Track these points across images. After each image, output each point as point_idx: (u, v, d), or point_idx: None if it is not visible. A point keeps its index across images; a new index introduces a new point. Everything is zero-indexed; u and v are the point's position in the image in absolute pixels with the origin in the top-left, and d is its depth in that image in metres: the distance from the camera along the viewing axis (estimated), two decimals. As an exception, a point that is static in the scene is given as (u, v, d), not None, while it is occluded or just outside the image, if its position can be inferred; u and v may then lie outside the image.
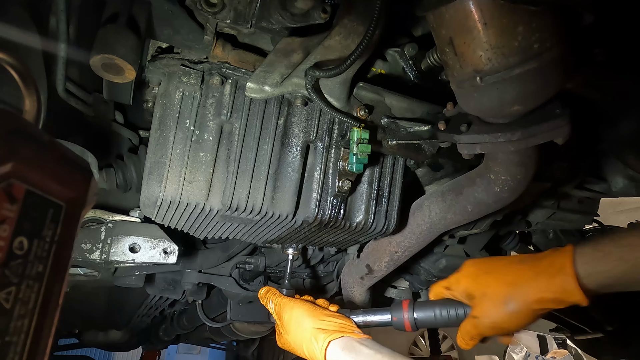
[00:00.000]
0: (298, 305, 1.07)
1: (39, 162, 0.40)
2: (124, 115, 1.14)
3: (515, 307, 0.86)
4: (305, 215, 1.01)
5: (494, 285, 0.90)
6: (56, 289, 0.42)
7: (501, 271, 0.91)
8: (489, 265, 0.95)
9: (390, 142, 1.02)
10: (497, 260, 0.96)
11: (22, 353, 0.39)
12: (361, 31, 0.87)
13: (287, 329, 1.06)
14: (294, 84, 0.95)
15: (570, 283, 0.80)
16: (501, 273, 0.91)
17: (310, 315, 1.03)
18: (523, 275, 0.87)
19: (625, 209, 3.28)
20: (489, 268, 0.94)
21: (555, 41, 0.70)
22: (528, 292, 0.85)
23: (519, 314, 0.86)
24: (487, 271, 0.94)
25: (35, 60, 0.80)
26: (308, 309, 1.05)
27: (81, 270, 1.31)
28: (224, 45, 0.93)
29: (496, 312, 0.88)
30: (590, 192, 1.55)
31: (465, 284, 0.96)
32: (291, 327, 1.05)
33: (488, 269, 0.94)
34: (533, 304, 0.85)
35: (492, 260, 0.97)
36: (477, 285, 0.93)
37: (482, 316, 0.91)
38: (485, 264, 0.96)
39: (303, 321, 1.02)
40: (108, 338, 3.01)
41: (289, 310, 1.08)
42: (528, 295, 0.85)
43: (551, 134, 0.79)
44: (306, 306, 1.07)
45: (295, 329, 1.04)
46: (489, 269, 0.94)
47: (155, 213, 0.96)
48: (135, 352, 4.65)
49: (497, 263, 0.95)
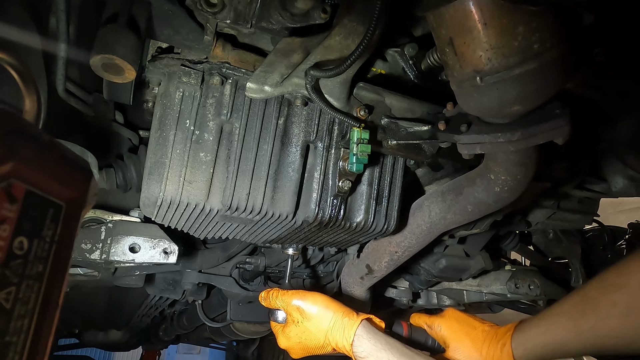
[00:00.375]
0: (319, 294, 1.15)
1: (39, 162, 0.40)
2: (124, 115, 1.14)
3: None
4: (305, 215, 1.01)
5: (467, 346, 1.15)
6: (56, 289, 0.43)
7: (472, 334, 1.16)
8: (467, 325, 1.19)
9: (390, 142, 1.02)
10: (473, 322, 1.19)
11: (22, 353, 0.39)
12: (361, 31, 0.87)
13: (308, 314, 1.11)
14: (294, 84, 0.95)
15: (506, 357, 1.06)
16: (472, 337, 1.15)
17: (334, 301, 1.13)
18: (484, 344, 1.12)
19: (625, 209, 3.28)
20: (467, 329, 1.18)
21: (555, 41, 0.70)
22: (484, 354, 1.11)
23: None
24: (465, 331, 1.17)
25: (35, 60, 0.80)
26: (328, 297, 1.15)
27: (81, 270, 1.31)
28: (224, 45, 0.93)
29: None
30: (590, 192, 1.55)
31: (444, 332, 1.20)
32: (315, 311, 1.11)
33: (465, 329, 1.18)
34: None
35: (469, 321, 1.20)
36: (454, 339, 1.18)
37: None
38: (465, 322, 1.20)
39: (329, 305, 1.11)
40: (108, 338, 3.01)
41: (311, 297, 1.14)
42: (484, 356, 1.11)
43: (551, 134, 0.79)
44: (326, 296, 1.15)
45: (319, 313, 1.10)
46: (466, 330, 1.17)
47: (155, 213, 0.96)
48: (135, 352, 4.65)
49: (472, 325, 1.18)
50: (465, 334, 1.16)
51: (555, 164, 1.32)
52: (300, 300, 1.14)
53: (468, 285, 1.68)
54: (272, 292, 1.20)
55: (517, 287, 1.67)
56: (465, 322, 1.20)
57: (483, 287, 1.68)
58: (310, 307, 1.12)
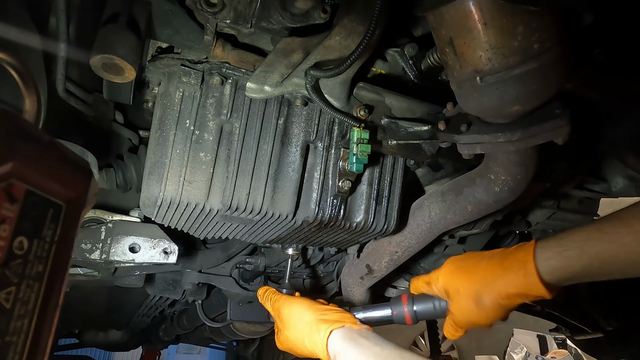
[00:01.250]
0: (298, 301, 1.09)
1: (39, 162, 0.40)
2: (124, 115, 1.14)
3: (485, 304, 0.91)
4: (305, 215, 1.01)
5: (466, 282, 0.95)
6: (56, 289, 0.43)
7: (473, 269, 0.96)
8: (464, 262, 0.99)
9: (390, 142, 1.02)
10: (472, 256, 1.00)
11: (22, 353, 0.39)
12: (361, 31, 0.87)
13: (286, 324, 1.07)
14: (294, 84, 0.95)
15: (533, 279, 0.85)
16: (473, 271, 0.95)
17: (310, 309, 1.05)
18: (492, 272, 0.92)
19: (625, 209, 3.27)
20: (463, 265, 0.98)
21: (555, 41, 0.70)
22: (496, 289, 0.90)
23: (490, 309, 0.91)
24: (461, 268, 0.98)
25: (35, 60, 0.80)
26: (308, 303, 1.07)
27: (81, 270, 1.32)
28: (224, 45, 0.93)
29: (469, 309, 0.94)
30: (590, 192, 1.54)
31: (442, 280, 1.00)
32: (291, 321, 1.06)
33: (462, 266, 0.98)
34: (501, 299, 0.90)
35: (468, 257, 1.01)
36: (452, 282, 0.98)
37: (457, 313, 0.97)
38: (462, 261, 1.00)
39: (303, 314, 1.04)
40: (108, 338, 3.01)
41: (288, 305, 1.08)
42: (496, 292, 0.90)
43: (551, 134, 0.79)
44: (306, 301, 1.08)
45: (295, 323, 1.04)
46: (463, 266, 0.98)
47: (155, 213, 0.96)
48: (135, 352, 4.66)
49: (471, 260, 0.99)
50: (464, 270, 0.97)
51: (555, 164, 1.32)
52: (279, 308, 1.11)
53: (468, 285, 1.67)
54: (267, 292, 1.19)
55: (517, 287, 1.67)
56: (464, 261, 1.00)
57: (483, 287, 1.68)
58: (287, 316, 1.07)
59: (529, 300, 0.89)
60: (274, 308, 1.13)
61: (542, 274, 0.85)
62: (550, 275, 0.85)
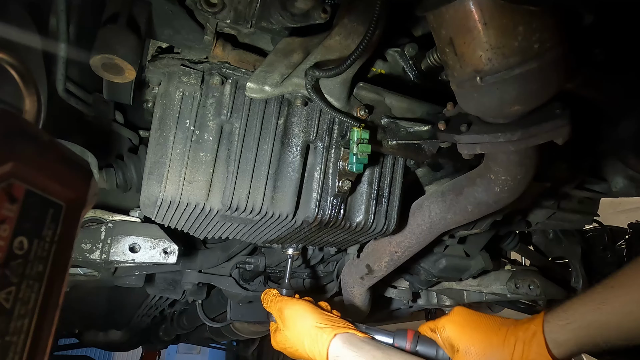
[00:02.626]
0: (302, 303, 1.10)
1: (39, 162, 0.40)
2: (124, 115, 1.14)
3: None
4: (305, 215, 1.01)
5: (479, 344, 0.92)
6: (56, 289, 0.42)
7: (487, 330, 0.93)
8: (475, 320, 0.96)
9: (390, 142, 1.02)
10: (485, 318, 0.97)
11: (22, 353, 0.39)
12: (361, 31, 0.87)
13: (288, 324, 1.07)
14: (294, 84, 0.95)
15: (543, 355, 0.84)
16: (487, 333, 0.92)
17: (315, 313, 1.06)
18: (504, 339, 0.90)
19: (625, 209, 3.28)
20: (475, 323, 0.95)
21: (556, 41, 0.70)
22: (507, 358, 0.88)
23: None
24: (474, 327, 0.94)
25: (35, 60, 0.80)
26: (312, 307, 1.08)
27: (81, 270, 1.31)
28: (224, 45, 0.93)
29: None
30: (590, 192, 1.54)
31: (450, 332, 0.96)
32: (293, 322, 1.06)
33: (473, 324, 0.95)
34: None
35: (480, 317, 0.98)
36: (463, 338, 0.94)
37: None
38: (474, 318, 0.97)
39: (307, 317, 1.05)
40: (108, 338, 3.01)
41: (291, 306, 1.09)
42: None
43: (551, 134, 0.78)
44: (310, 305, 1.09)
45: (297, 324, 1.05)
46: (475, 325, 0.95)
47: (155, 213, 0.96)
48: (135, 352, 4.65)
49: (485, 321, 0.96)
50: (477, 330, 0.95)
51: (555, 164, 1.32)
52: (281, 308, 1.11)
53: (468, 285, 1.68)
54: (269, 294, 1.20)
55: (517, 287, 1.67)
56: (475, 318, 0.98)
57: (483, 287, 1.68)
58: (289, 317, 1.08)
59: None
60: (276, 308, 1.13)
61: (551, 349, 0.84)
62: (559, 350, 0.84)
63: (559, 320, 0.86)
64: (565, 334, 0.84)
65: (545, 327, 0.86)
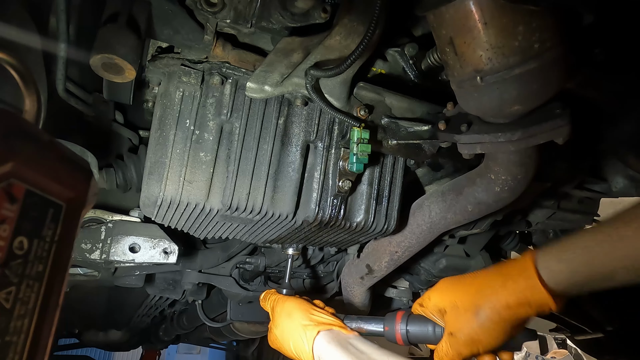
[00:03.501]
0: (290, 300, 1.08)
1: (39, 162, 0.40)
2: (124, 115, 1.14)
3: (486, 316, 0.83)
4: (305, 215, 1.01)
5: (462, 295, 0.87)
6: (56, 289, 0.42)
7: (468, 282, 0.89)
8: (458, 279, 0.93)
9: (391, 142, 1.02)
10: (467, 274, 0.93)
11: (22, 353, 0.39)
12: (361, 31, 0.87)
13: (277, 322, 1.06)
14: (294, 84, 0.95)
15: (534, 283, 0.78)
16: (468, 284, 0.89)
17: (301, 309, 1.02)
18: (489, 282, 0.85)
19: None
20: (458, 281, 0.92)
21: (556, 41, 0.70)
22: (495, 298, 0.82)
23: (492, 323, 0.83)
24: (456, 284, 0.91)
25: (35, 60, 0.80)
26: (300, 303, 1.05)
27: (81, 270, 1.31)
28: (224, 45, 0.93)
29: (469, 324, 0.85)
30: (590, 192, 1.54)
31: (435, 298, 0.93)
32: (280, 320, 1.04)
33: (456, 282, 0.91)
34: (502, 310, 0.81)
35: (462, 275, 0.94)
36: (446, 298, 0.90)
37: (457, 331, 0.87)
38: (456, 278, 0.94)
39: (293, 314, 1.02)
40: (108, 338, 3.01)
41: (281, 304, 1.07)
42: (495, 302, 0.82)
43: (551, 134, 0.79)
44: (298, 301, 1.07)
45: (284, 321, 1.03)
46: (457, 282, 0.91)
47: (155, 213, 0.96)
48: (135, 352, 4.66)
49: (466, 276, 0.92)
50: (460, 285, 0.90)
51: (555, 164, 1.32)
52: (273, 306, 1.10)
53: (468, 285, 1.67)
54: (268, 293, 1.19)
55: (517, 287, 1.67)
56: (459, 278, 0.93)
57: (483, 287, 1.68)
58: (278, 314, 1.06)
59: (534, 312, 0.81)
60: (270, 306, 1.13)
61: (544, 279, 0.78)
62: (554, 282, 0.78)
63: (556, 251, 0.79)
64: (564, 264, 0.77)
65: (539, 260, 0.80)
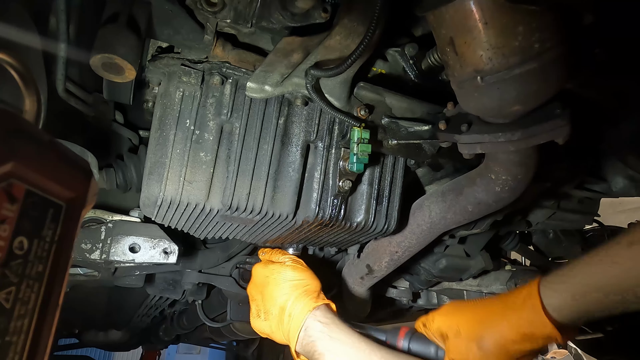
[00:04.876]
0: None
1: (39, 162, 0.40)
2: (124, 115, 1.14)
3: (488, 347, 0.80)
4: (305, 215, 1.01)
5: (465, 323, 0.85)
6: (56, 289, 0.42)
7: (472, 309, 0.87)
8: (463, 305, 0.91)
9: (391, 142, 1.02)
10: (472, 301, 0.92)
11: (22, 353, 0.39)
12: (361, 31, 0.87)
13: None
14: (294, 84, 0.95)
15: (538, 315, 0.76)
16: (472, 311, 0.86)
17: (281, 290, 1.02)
18: (494, 312, 0.82)
19: (625, 209, 3.27)
20: (462, 307, 0.90)
21: (556, 41, 0.70)
22: (499, 330, 0.80)
23: (495, 354, 0.80)
24: (460, 309, 0.89)
25: (35, 60, 0.80)
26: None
27: (81, 270, 1.31)
28: (224, 45, 0.93)
29: (472, 354, 0.82)
30: (590, 192, 1.54)
31: (438, 322, 0.91)
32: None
33: (461, 308, 0.90)
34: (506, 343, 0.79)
35: (467, 301, 0.92)
36: (450, 323, 0.88)
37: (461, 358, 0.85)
38: (460, 303, 0.92)
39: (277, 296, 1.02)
40: (108, 338, 3.01)
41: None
42: (499, 333, 0.80)
43: (551, 134, 0.78)
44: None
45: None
46: (462, 308, 0.89)
47: (155, 213, 0.96)
48: (135, 352, 4.66)
49: (471, 303, 0.91)
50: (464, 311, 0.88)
51: (555, 164, 1.32)
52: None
53: (468, 285, 1.68)
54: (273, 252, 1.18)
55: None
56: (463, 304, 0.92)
57: (483, 287, 1.68)
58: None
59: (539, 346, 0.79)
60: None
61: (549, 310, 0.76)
62: (558, 313, 0.76)
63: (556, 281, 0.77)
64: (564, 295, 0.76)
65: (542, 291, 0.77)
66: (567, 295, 0.76)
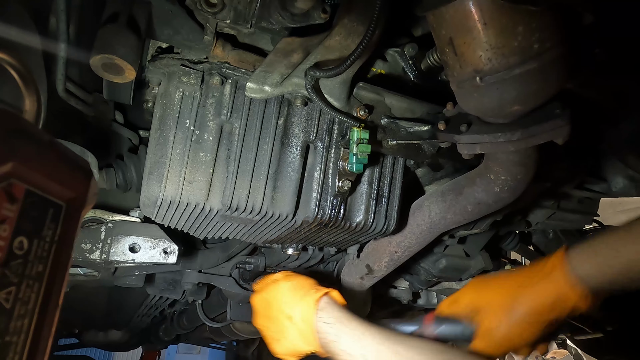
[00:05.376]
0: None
1: (39, 162, 0.40)
2: (124, 115, 1.14)
3: (522, 316, 0.83)
4: (305, 215, 1.01)
5: (496, 295, 0.88)
6: (56, 289, 0.42)
7: (501, 282, 0.90)
8: (491, 278, 0.94)
9: (390, 142, 1.02)
10: (499, 274, 0.94)
11: (22, 353, 0.39)
12: (361, 31, 0.87)
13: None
14: (294, 84, 0.95)
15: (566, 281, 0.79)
16: (501, 284, 0.90)
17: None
18: (522, 283, 0.86)
19: (625, 209, 3.27)
20: (490, 280, 0.93)
21: (556, 41, 0.70)
22: (528, 298, 0.83)
23: (527, 324, 0.83)
24: (488, 283, 0.92)
25: (35, 60, 0.80)
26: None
27: (81, 270, 1.31)
28: (224, 45, 0.93)
29: (506, 322, 0.85)
30: (590, 192, 1.54)
31: (467, 297, 0.94)
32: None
33: (489, 282, 0.93)
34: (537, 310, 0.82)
35: (494, 275, 0.95)
36: (480, 297, 0.91)
37: (493, 329, 0.87)
38: (487, 277, 0.96)
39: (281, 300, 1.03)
40: (108, 338, 3.01)
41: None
42: (531, 302, 0.82)
43: (551, 134, 0.78)
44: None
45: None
46: (490, 281, 0.93)
47: (155, 213, 0.96)
48: (135, 352, 4.65)
49: (499, 275, 0.94)
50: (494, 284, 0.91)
51: (555, 164, 1.32)
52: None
53: (468, 285, 1.67)
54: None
55: (517, 287, 1.67)
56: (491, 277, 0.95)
57: (483, 287, 1.68)
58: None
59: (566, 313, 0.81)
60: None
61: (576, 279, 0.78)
62: (585, 282, 0.78)
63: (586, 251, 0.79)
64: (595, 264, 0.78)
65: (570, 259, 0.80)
66: (593, 265, 0.78)
